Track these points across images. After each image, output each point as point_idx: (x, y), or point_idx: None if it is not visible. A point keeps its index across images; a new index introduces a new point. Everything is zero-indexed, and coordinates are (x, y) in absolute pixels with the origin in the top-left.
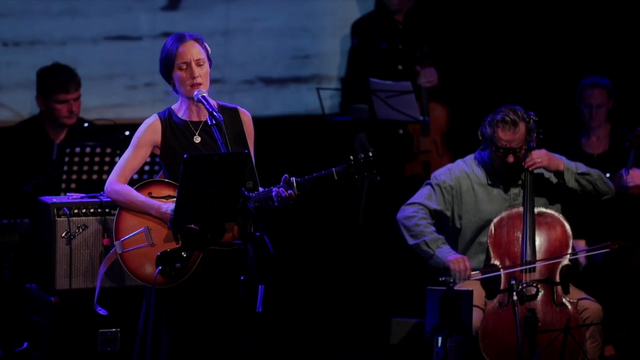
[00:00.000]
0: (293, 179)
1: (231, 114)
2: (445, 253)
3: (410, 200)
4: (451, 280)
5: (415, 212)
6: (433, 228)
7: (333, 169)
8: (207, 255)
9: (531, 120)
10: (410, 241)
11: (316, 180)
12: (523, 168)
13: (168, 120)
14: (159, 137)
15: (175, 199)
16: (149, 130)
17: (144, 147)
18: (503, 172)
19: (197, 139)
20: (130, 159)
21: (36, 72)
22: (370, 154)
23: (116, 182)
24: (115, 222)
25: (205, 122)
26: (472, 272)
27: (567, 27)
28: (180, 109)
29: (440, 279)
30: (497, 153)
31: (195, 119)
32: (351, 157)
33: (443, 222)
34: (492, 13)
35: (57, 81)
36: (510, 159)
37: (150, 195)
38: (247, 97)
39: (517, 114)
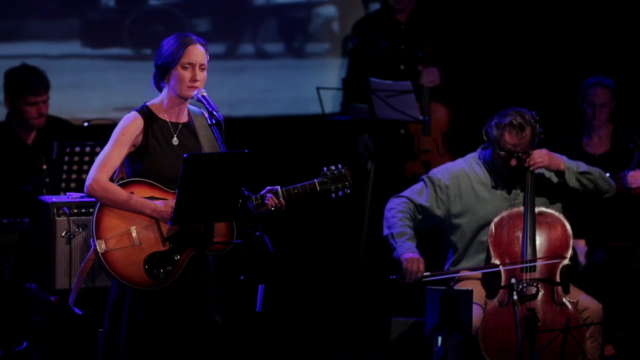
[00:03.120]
0: (278, 188)
1: (201, 118)
2: (405, 249)
3: (400, 193)
4: (402, 279)
5: (398, 204)
6: (407, 222)
7: (315, 179)
8: (193, 258)
9: (537, 125)
10: (384, 232)
11: (299, 189)
12: (525, 169)
13: (149, 118)
14: (141, 135)
15: (158, 200)
16: (133, 128)
17: (127, 145)
18: (504, 172)
19: (175, 141)
20: (113, 156)
21: (4, 74)
22: (340, 166)
23: (102, 180)
24: (95, 220)
25: (183, 124)
26: (425, 273)
27: (570, 28)
28: (160, 108)
29: (391, 277)
30: (500, 155)
31: (174, 120)
32: (325, 168)
33: (436, 221)
34: (494, 13)
35: (26, 83)
36: (513, 162)
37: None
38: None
39: (525, 118)
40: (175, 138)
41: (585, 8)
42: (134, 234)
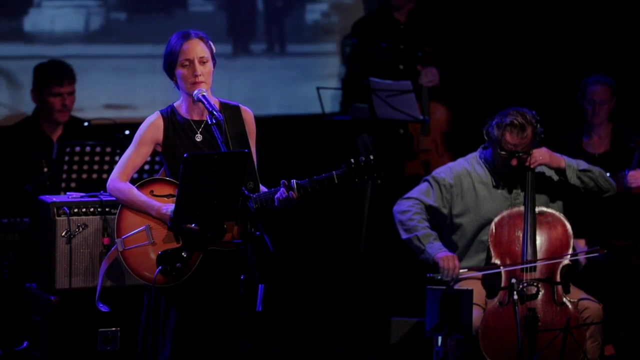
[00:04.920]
0: (293, 182)
1: (233, 112)
2: (436, 249)
3: (407, 195)
4: (439, 277)
5: (411, 206)
6: (427, 224)
7: (334, 172)
8: (207, 255)
9: (538, 125)
10: (403, 235)
11: (316, 183)
12: (525, 169)
13: (170, 117)
14: (161, 134)
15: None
16: (152, 128)
17: (146, 145)
18: (505, 172)
19: (199, 138)
20: (132, 157)
21: (33, 68)
22: (371, 157)
23: (118, 180)
24: (117, 219)
25: (207, 121)
26: (461, 270)
27: (570, 28)
28: (181, 107)
29: (428, 275)
30: (501, 155)
31: (197, 117)
32: (352, 160)
33: (440, 220)
34: (493, 13)
35: (51, 74)
36: (514, 162)
37: (152, 193)
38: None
39: (526, 118)
40: (198, 135)
41: (585, 8)
42: (149, 232)
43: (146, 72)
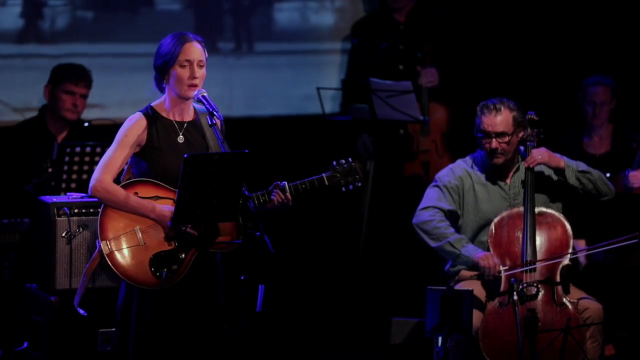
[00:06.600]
0: (285, 184)
1: (206, 116)
2: (472, 251)
3: (423, 205)
4: (480, 277)
5: (432, 215)
6: (453, 229)
7: (323, 174)
8: (199, 257)
9: (519, 112)
10: (433, 244)
11: (307, 184)
12: (510, 162)
13: (153, 118)
14: (145, 135)
15: (163, 199)
16: (136, 128)
17: (131, 146)
18: (490, 162)
19: (181, 139)
20: (117, 157)
21: (53, 66)
22: (350, 160)
23: (106, 182)
24: (100, 221)
25: (189, 122)
26: (502, 268)
27: (570, 28)
28: (163, 108)
29: (470, 277)
30: (483, 141)
31: (178, 118)
32: (334, 162)
33: (455, 222)
34: (493, 13)
35: (69, 73)
36: (493, 144)
37: (136, 195)
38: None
39: (502, 102)
40: (180, 136)
41: (585, 8)
42: (139, 234)
43: (113, 71)
